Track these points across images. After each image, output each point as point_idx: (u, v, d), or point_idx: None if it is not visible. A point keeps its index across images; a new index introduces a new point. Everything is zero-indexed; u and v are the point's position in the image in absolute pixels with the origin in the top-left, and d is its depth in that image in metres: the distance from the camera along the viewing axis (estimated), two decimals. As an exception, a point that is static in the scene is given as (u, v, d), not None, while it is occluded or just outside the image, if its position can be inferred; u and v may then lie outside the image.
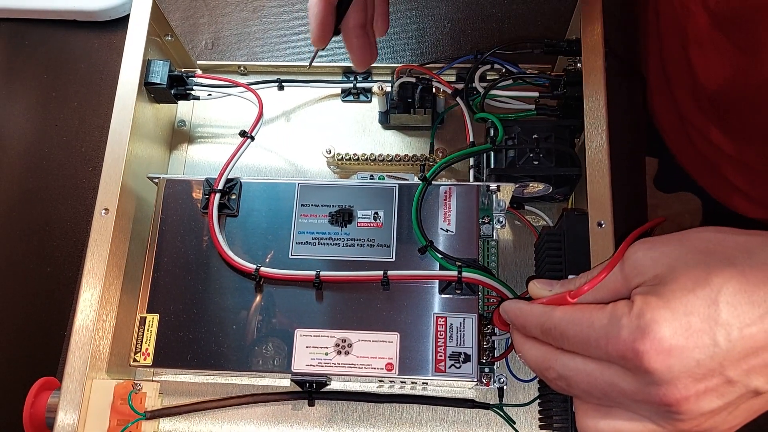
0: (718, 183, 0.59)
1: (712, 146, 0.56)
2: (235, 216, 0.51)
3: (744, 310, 0.31)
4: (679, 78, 0.56)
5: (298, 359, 0.47)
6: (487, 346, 0.48)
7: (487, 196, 0.51)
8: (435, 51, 0.65)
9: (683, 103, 0.57)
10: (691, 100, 0.55)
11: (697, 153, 0.59)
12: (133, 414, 0.46)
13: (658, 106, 0.63)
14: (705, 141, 0.56)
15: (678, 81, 0.56)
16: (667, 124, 0.62)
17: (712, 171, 0.59)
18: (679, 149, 0.62)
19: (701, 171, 0.61)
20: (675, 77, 0.57)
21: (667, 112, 0.61)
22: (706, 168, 0.59)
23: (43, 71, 0.69)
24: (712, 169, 0.58)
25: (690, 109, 0.56)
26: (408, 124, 0.60)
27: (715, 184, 0.60)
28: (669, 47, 0.55)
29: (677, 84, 0.57)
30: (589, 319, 0.34)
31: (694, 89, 0.53)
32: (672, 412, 0.33)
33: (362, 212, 0.50)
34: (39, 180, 0.64)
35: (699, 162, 0.60)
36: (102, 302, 0.47)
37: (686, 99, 0.56)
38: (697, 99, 0.54)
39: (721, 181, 0.58)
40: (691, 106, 0.56)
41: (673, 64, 0.55)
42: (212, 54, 0.67)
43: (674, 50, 0.54)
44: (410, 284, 0.48)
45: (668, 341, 0.31)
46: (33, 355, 0.59)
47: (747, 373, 0.32)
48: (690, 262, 0.33)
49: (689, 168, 0.62)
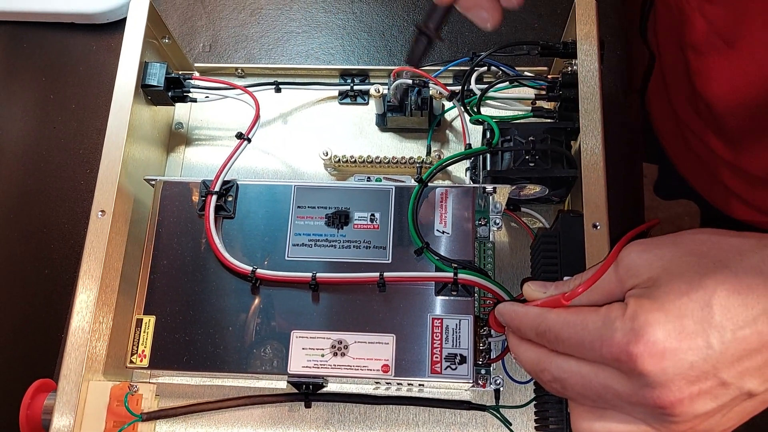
0: (716, 189, 0.59)
1: (710, 152, 0.56)
2: (231, 218, 0.51)
3: (737, 313, 0.31)
4: (677, 84, 0.56)
5: (294, 361, 0.47)
6: (483, 348, 0.48)
7: (484, 198, 0.52)
8: (432, 54, 0.65)
9: (681, 108, 0.57)
10: (689, 105, 0.55)
11: (695, 158, 0.59)
12: (129, 416, 0.46)
13: (657, 112, 0.63)
14: (703, 146, 0.56)
15: (676, 87, 0.56)
16: (666, 130, 0.62)
17: (710, 176, 0.58)
18: (677, 155, 0.62)
19: (699, 176, 0.61)
20: (673, 83, 0.57)
21: (666, 118, 0.61)
22: (704, 173, 0.59)
23: (41, 74, 0.69)
24: (710, 175, 0.58)
25: (688, 114, 0.56)
26: (405, 127, 0.60)
27: (713, 189, 0.60)
28: (667, 53, 0.55)
29: (675, 90, 0.57)
30: (583, 322, 0.34)
31: (692, 95, 0.53)
32: (666, 414, 0.33)
33: (359, 214, 0.50)
34: (37, 182, 0.64)
35: (697, 167, 0.60)
36: (98, 304, 0.47)
37: (684, 105, 0.56)
38: (695, 105, 0.54)
39: (719, 187, 0.58)
40: (689, 111, 0.56)
41: (672, 69, 0.55)
42: (210, 56, 0.67)
43: (673, 56, 0.54)
44: (406, 286, 0.48)
45: (662, 344, 0.31)
46: (30, 357, 0.59)
47: (741, 375, 0.32)
48: (683, 265, 0.33)
49: (687, 174, 0.62)
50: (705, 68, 0.51)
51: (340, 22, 0.68)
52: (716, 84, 0.50)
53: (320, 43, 0.67)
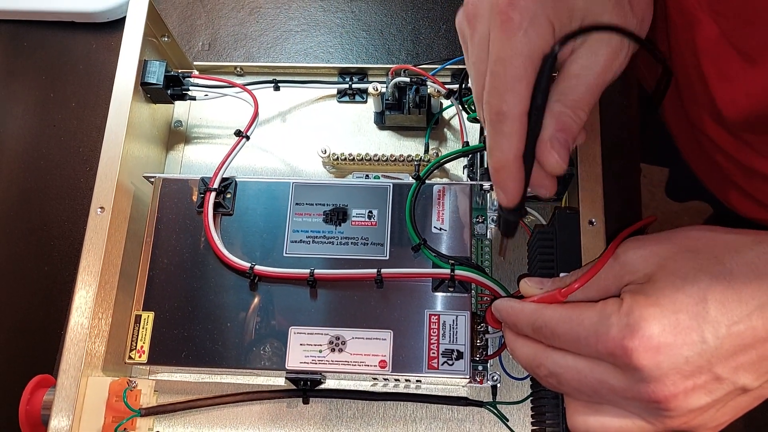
0: (730, 190, 0.59)
1: (725, 155, 0.55)
2: (230, 215, 0.51)
3: (732, 308, 0.32)
4: (690, 88, 0.55)
5: (292, 356, 0.47)
6: (480, 344, 0.49)
7: (481, 196, 0.52)
8: (430, 52, 0.66)
9: (694, 112, 0.57)
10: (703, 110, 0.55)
11: (710, 161, 0.58)
12: (128, 411, 0.46)
13: (670, 116, 0.62)
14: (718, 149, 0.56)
15: (689, 91, 0.56)
16: (680, 133, 0.62)
17: (724, 178, 0.58)
18: (692, 157, 0.62)
19: (714, 179, 0.61)
20: (686, 87, 0.56)
21: (680, 121, 0.61)
22: (719, 176, 0.59)
23: (41, 72, 0.69)
24: (725, 177, 0.58)
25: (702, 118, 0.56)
26: (403, 125, 0.60)
27: (726, 191, 0.60)
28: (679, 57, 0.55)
29: (688, 94, 0.56)
30: (579, 317, 0.34)
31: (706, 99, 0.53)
32: (661, 408, 0.33)
33: (356, 211, 0.50)
34: (37, 180, 0.65)
35: (712, 170, 0.60)
36: (98, 300, 0.47)
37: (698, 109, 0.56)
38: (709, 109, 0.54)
39: (734, 189, 0.58)
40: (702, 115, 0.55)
41: (684, 73, 0.54)
42: (209, 55, 0.67)
43: (686, 60, 0.53)
44: (404, 282, 0.48)
45: (657, 338, 0.32)
46: (30, 355, 0.60)
47: (735, 371, 0.32)
48: (679, 261, 0.34)
49: (702, 175, 0.62)
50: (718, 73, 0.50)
51: (339, 20, 0.68)
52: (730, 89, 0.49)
53: (319, 41, 0.67)
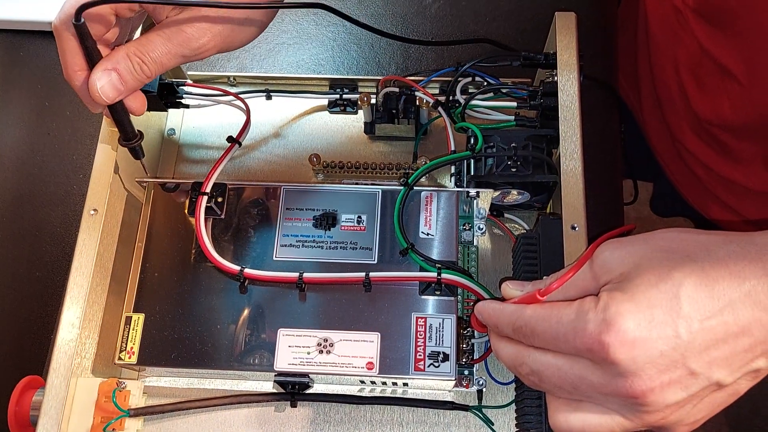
0: (711, 204, 0.60)
1: (705, 168, 0.56)
2: (221, 219, 0.52)
3: (704, 304, 0.33)
4: (671, 102, 0.56)
5: (280, 358, 0.48)
6: (466, 349, 0.49)
7: (468, 204, 0.53)
8: (419, 65, 0.67)
9: (675, 126, 0.58)
10: (684, 123, 0.56)
11: (691, 174, 0.59)
12: (116, 411, 0.47)
13: (651, 130, 0.63)
14: (698, 163, 0.57)
15: (670, 105, 0.57)
16: (661, 147, 0.63)
17: (704, 191, 0.59)
18: (673, 171, 0.63)
19: (694, 192, 0.61)
20: (667, 101, 0.57)
21: (661, 136, 0.62)
22: (699, 189, 0.60)
23: (37, 82, 0.70)
24: (705, 190, 0.59)
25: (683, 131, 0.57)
26: (393, 135, 0.62)
27: (707, 205, 0.60)
28: (660, 72, 0.56)
29: (669, 108, 0.57)
30: (558, 315, 0.35)
31: (686, 113, 0.54)
32: (638, 404, 0.34)
33: (346, 216, 0.51)
34: (31, 186, 0.66)
35: (693, 184, 0.61)
36: (88, 301, 0.48)
37: (679, 122, 0.57)
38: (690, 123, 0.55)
39: (715, 202, 0.59)
40: (683, 128, 0.56)
41: (665, 88, 0.55)
42: (202, 65, 0.68)
43: (667, 75, 0.54)
44: (391, 286, 0.49)
45: (632, 333, 0.33)
46: (21, 358, 0.60)
47: (709, 365, 0.33)
48: (654, 260, 0.35)
49: (683, 189, 0.63)
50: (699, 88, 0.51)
51: (331, 34, 0.70)
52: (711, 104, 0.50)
53: (311, 54, 0.69)
